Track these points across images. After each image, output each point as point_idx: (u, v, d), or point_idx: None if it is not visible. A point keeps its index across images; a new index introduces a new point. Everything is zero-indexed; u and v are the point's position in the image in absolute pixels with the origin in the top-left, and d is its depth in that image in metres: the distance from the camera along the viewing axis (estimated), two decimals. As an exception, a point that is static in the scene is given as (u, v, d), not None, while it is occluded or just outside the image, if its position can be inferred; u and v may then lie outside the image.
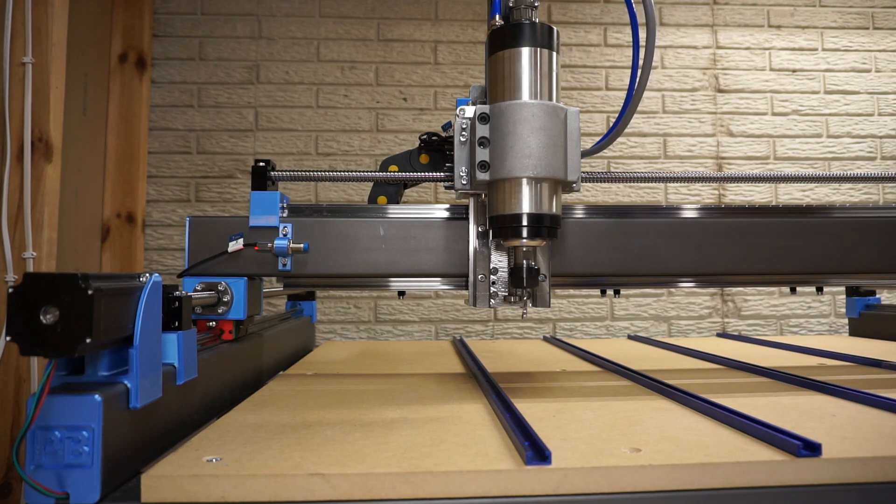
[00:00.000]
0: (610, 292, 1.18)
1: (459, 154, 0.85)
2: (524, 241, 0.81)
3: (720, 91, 2.41)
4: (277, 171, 1.00)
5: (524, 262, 0.84)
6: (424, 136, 1.03)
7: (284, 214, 0.97)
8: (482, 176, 0.81)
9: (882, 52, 2.47)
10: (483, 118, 0.82)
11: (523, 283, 0.84)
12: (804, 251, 1.00)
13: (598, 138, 2.50)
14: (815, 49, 2.45)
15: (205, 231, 0.95)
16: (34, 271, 1.07)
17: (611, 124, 2.36)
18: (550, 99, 0.82)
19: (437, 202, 2.28)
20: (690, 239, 0.99)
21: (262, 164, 0.98)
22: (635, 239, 0.98)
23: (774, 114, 2.42)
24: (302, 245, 0.93)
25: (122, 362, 0.59)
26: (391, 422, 0.73)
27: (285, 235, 0.94)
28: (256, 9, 2.33)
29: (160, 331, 0.64)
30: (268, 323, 1.31)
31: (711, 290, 2.34)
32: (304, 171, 0.99)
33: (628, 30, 2.41)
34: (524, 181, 0.80)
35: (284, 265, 0.94)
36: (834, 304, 2.37)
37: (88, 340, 0.50)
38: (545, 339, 1.72)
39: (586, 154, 0.95)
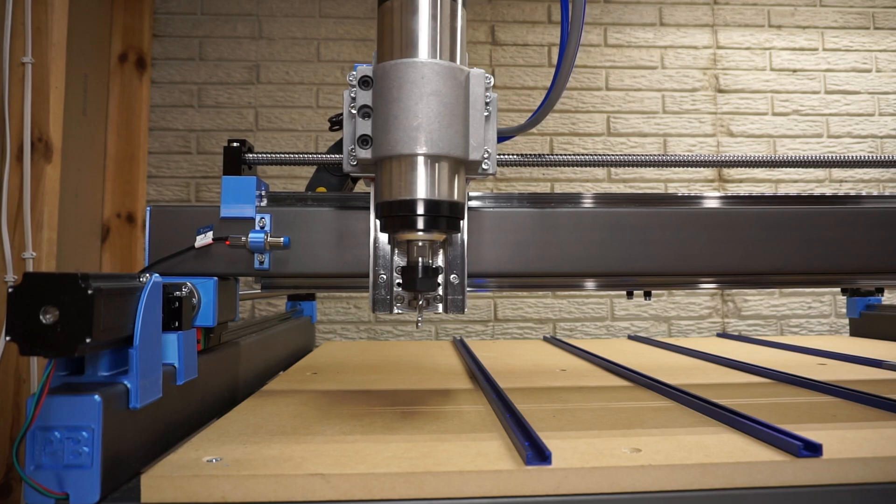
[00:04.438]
0: (639, 292, 1.11)
1: (348, 129, 0.69)
2: (420, 233, 0.67)
3: (720, 91, 2.41)
4: (254, 153, 0.86)
5: (419, 259, 0.70)
6: (334, 118, 0.89)
7: (262, 203, 0.83)
8: (363, 153, 0.66)
9: (883, 52, 2.46)
10: (365, 82, 0.67)
11: (415, 286, 0.70)
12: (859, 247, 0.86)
13: (597, 138, 2.49)
14: (816, 49, 2.45)
15: (169, 223, 0.81)
16: (34, 271, 1.07)
17: (611, 125, 2.37)
18: (453, 60, 0.68)
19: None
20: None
21: (235, 144, 0.84)
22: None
23: (775, 114, 2.42)
24: (282, 239, 0.80)
25: (122, 362, 0.59)
26: (391, 422, 0.73)
27: (262, 228, 0.81)
28: (256, 9, 2.33)
29: (160, 331, 0.64)
30: (268, 323, 1.31)
31: (712, 290, 2.34)
32: (283, 154, 0.88)
33: (629, 29, 2.41)
34: (414, 160, 0.65)
35: (261, 263, 0.80)
36: (834, 305, 2.36)
37: (88, 340, 0.50)
38: (545, 339, 1.72)
39: (514, 131, 0.83)
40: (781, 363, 1.15)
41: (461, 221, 0.70)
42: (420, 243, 0.70)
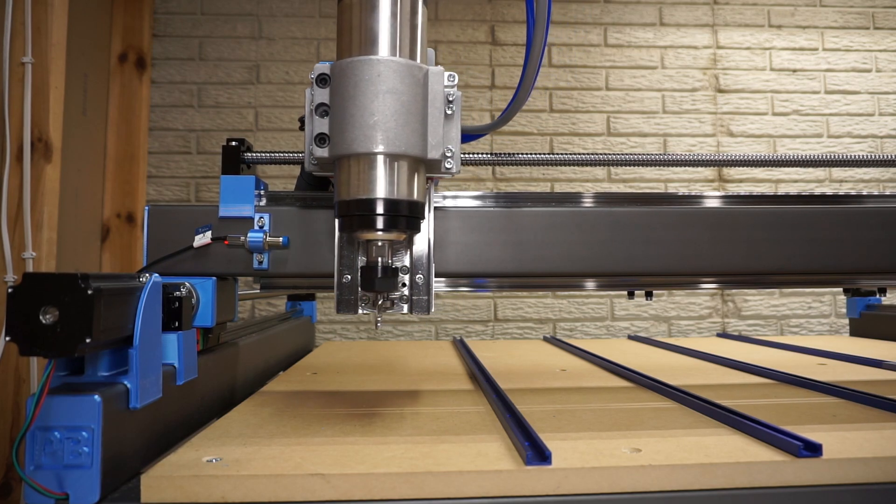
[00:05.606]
0: (641, 293, 1.10)
1: (309, 127, 0.69)
2: (379, 233, 0.66)
3: (720, 91, 2.41)
4: (253, 152, 0.85)
5: (379, 259, 0.69)
6: (302, 117, 0.93)
7: (261, 203, 0.82)
8: (320, 152, 0.66)
9: (883, 51, 2.46)
10: (322, 80, 0.66)
11: (373, 286, 0.69)
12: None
13: (597, 138, 2.49)
14: (816, 49, 2.45)
15: (167, 222, 0.80)
16: (34, 271, 1.07)
17: (611, 125, 2.37)
18: (413, 58, 0.67)
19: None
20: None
21: (234, 143, 0.84)
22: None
23: (775, 114, 2.42)
24: (280, 239, 0.79)
25: (122, 362, 0.59)
26: (391, 422, 0.73)
27: (261, 227, 0.80)
28: (256, 9, 2.33)
29: (160, 331, 0.64)
30: (268, 324, 1.31)
31: (712, 290, 2.34)
32: (282, 153, 0.87)
33: (629, 29, 2.41)
34: (370, 158, 0.64)
35: (260, 263, 0.80)
36: (834, 305, 2.36)
37: (88, 340, 0.50)
38: (545, 339, 1.72)
39: (482, 129, 0.82)
40: (781, 363, 1.15)
41: (421, 221, 0.70)
42: (380, 243, 0.69)
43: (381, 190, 0.64)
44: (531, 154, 0.91)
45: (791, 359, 1.24)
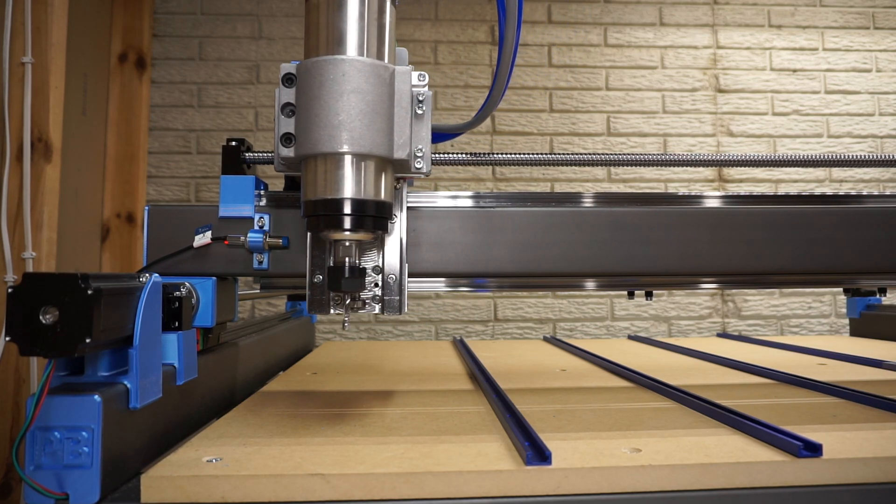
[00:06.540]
0: (640, 293, 1.11)
1: (277, 127, 0.69)
2: (346, 233, 0.66)
3: (720, 91, 2.41)
4: (253, 152, 0.85)
5: (345, 259, 0.69)
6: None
7: (261, 203, 0.82)
8: (286, 152, 0.67)
9: (883, 51, 2.46)
10: (288, 80, 0.67)
11: (339, 286, 0.68)
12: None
13: (597, 138, 2.49)
14: (816, 49, 2.45)
15: (167, 222, 0.81)
16: (34, 271, 1.07)
17: (611, 125, 2.37)
18: (380, 57, 0.67)
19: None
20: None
21: (234, 143, 0.84)
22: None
23: (775, 114, 2.42)
24: (281, 239, 0.79)
25: (122, 362, 0.59)
26: (391, 422, 0.73)
27: (261, 228, 0.80)
28: (256, 9, 2.33)
29: (160, 331, 0.64)
30: (268, 324, 1.31)
31: (712, 290, 2.34)
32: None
33: (629, 29, 2.41)
34: (335, 158, 0.64)
35: (260, 263, 0.80)
36: (835, 305, 2.36)
37: (88, 340, 0.50)
38: (545, 339, 1.72)
39: (457, 129, 0.82)
40: (781, 363, 1.15)
41: (389, 221, 0.70)
42: (347, 243, 0.69)
43: (346, 190, 0.65)
44: (519, 154, 0.90)
45: (791, 359, 1.24)
